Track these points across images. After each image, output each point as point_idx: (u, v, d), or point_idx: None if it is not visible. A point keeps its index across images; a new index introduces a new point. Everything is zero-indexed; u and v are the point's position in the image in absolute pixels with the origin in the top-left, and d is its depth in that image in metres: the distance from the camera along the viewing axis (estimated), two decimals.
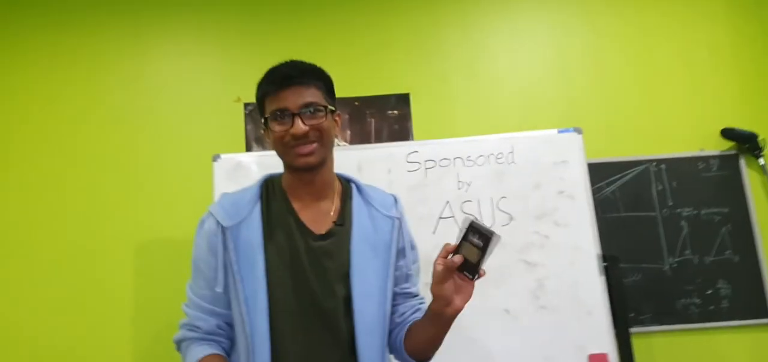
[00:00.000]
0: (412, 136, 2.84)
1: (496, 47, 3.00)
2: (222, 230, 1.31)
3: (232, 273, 1.29)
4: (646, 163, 2.80)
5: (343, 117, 2.81)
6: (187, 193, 2.69)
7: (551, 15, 3.05)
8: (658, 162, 2.80)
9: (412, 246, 1.48)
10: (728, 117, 2.86)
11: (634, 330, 2.56)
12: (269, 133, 1.34)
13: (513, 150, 2.40)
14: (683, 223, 2.74)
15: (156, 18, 2.97)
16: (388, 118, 2.87)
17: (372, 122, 2.86)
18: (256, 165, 2.37)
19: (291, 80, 1.30)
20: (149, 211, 2.73)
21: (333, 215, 1.38)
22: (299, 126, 1.28)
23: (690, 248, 2.72)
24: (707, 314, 2.65)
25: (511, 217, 2.34)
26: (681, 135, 2.86)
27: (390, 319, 1.38)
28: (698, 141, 2.85)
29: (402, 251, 1.42)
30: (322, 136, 1.32)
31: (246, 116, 2.85)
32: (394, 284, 1.39)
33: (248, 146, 2.81)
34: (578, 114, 2.83)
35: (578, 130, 2.42)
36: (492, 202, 2.36)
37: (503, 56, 2.99)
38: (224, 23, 2.98)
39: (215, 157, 2.39)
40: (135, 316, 2.62)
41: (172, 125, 2.84)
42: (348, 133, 2.85)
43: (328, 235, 1.34)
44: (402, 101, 2.89)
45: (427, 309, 1.29)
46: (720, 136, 2.84)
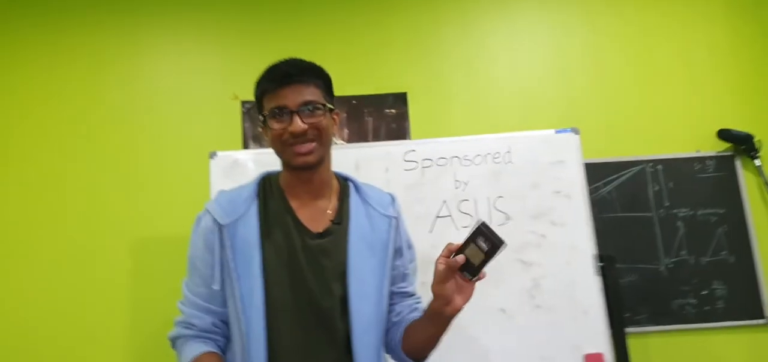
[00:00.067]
0: (410, 135, 2.84)
1: (495, 47, 3.00)
2: (219, 228, 1.30)
3: (229, 271, 1.28)
4: (643, 164, 2.81)
5: (341, 115, 2.80)
6: (184, 190, 2.68)
7: (549, 15, 3.05)
8: (655, 162, 2.81)
9: (409, 245, 1.48)
10: (725, 118, 2.87)
11: (630, 330, 2.57)
12: (267, 131, 1.33)
13: (510, 149, 2.40)
14: (679, 224, 2.75)
15: (154, 16, 2.95)
16: (386, 117, 2.87)
17: (370, 121, 2.86)
18: (253, 162, 2.36)
19: (290, 78, 1.30)
20: (146, 208, 2.72)
21: (330, 214, 1.38)
22: (298, 124, 1.28)
23: (686, 249, 2.72)
24: (703, 314, 2.66)
25: (508, 217, 2.34)
26: (678, 135, 2.87)
27: (386, 318, 1.38)
28: (695, 142, 2.86)
29: (399, 250, 1.42)
30: (321, 135, 1.32)
31: (243, 114, 2.84)
32: (391, 283, 1.39)
33: (245, 144, 2.81)
34: (575, 114, 2.83)
35: (575, 130, 2.42)
36: (489, 202, 2.36)
37: (501, 56, 2.99)
38: (222, 21, 2.97)
39: (212, 155, 2.39)
40: (131, 313, 2.62)
41: (169, 122, 2.83)
42: (345, 132, 2.85)
43: (326, 234, 1.34)
44: (400, 100, 2.89)
45: (427, 307, 1.29)
46: (716, 137, 2.84)
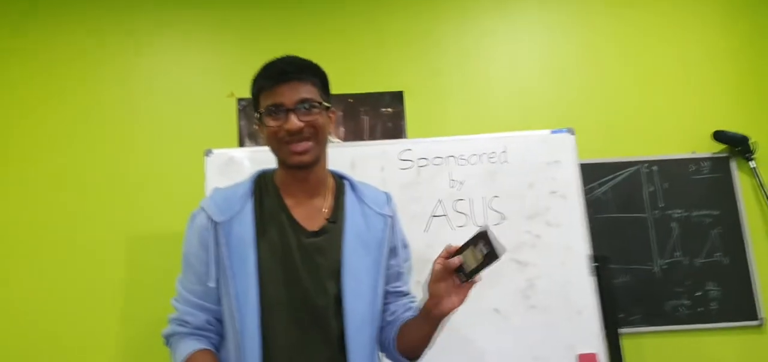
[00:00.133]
0: (406, 134, 2.84)
1: (492, 46, 3.00)
2: (214, 225, 1.30)
3: (224, 268, 1.28)
4: (638, 164, 2.81)
5: (337, 114, 2.81)
6: (179, 188, 2.68)
7: (546, 16, 3.05)
8: (650, 163, 2.81)
9: (405, 244, 1.48)
10: (720, 119, 2.87)
11: (624, 330, 2.57)
12: (263, 128, 1.33)
13: (506, 149, 2.41)
14: (674, 225, 2.75)
15: (150, 14, 2.95)
16: (382, 116, 2.87)
17: (366, 119, 2.86)
18: (249, 160, 2.36)
19: (287, 75, 1.30)
20: (141, 205, 2.71)
21: (326, 212, 1.37)
22: (294, 122, 1.27)
23: (680, 250, 2.73)
24: (696, 316, 2.67)
25: (504, 217, 2.34)
26: (673, 137, 2.88)
27: (381, 317, 1.38)
28: (690, 143, 2.86)
29: (394, 249, 1.42)
30: (317, 133, 1.31)
31: (239, 111, 2.84)
32: (386, 282, 1.39)
33: (241, 141, 2.80)
34: (571, 114, 2.84)
35: (571, 131, 2.43)
36: (484, 201, 2.36)
37: (498, 56, 2.99)
38: (219, 19, 2.97)
39: (207, 152, 2.38)
40: (126, 310, 2.61)
41: (165, 120, 2.83)
42: (341, 130, 2.84)
43: (321, 232, 1.34)
44: (396, 99, 2.89)
45: (422, 306, 1.29)
46: (712, 139, 2.85)
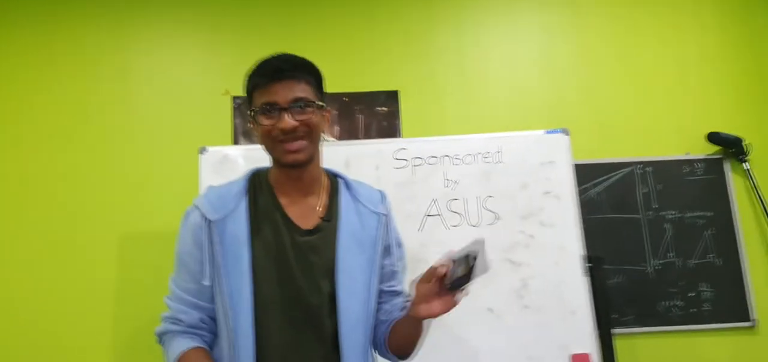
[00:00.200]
0: (401, 133, 2.84)
1: (487, 46, 3.00)
2: (207, 223, 1.29)
3: (217, 267, 1.27)
4: (632, 165, 2.82)
5: (332, 113, 2.80)
6: (173, 186, 2.67)
7: (542, 16, 3.06)
8: (644, 164, 2.82)
9: (399, 243, 1.48)
10: (714, 121, 2.89)
11: (617, 331, 2.58)
12: (257, 127, 1.32)
13: (500, 149, 2.41)
14: (667, 226, 2.76)
15: (145, 11, 2.94)
16: (377, 115, 2.87)
17: (361, 118, 2.86)
18: (243, 158, 2.35)
19: (282, 74, 1.29)
20: (135, 203, 2.71)
21: (320, 211, 1.37)
22: (288, 121, 1.27)
23: (673, 251, 2.74)
24: (689, 317, 2.68)
25: (498, 216, 2.35)
26: (667, 138, 2.89)
27: (374, 316, 1.38)
28: (684, 144, 2.88)
29: (388, 248, 1.42)
30: (311, 132, 1.31)
31: (234, 110, 2.83)
32: (380, 281, 1.39)
33: (236, 139, 2.80)
34: (566, 115, 2.85)
35: (565, 131, 2.43)
36: (478, 201, 2.36)
37: (494, 56, 2.99)
38: (213, 17, 2.96)
39: (202, 150, 2.37)
40: (118, 308, 2.60)
41: (159, 117, 2.82)
42: (336, 129, 2.84)
43: (315, 231, 1.33)
44: (391, 98, 2.89)
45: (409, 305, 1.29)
46: (706, 140, 2.86)
